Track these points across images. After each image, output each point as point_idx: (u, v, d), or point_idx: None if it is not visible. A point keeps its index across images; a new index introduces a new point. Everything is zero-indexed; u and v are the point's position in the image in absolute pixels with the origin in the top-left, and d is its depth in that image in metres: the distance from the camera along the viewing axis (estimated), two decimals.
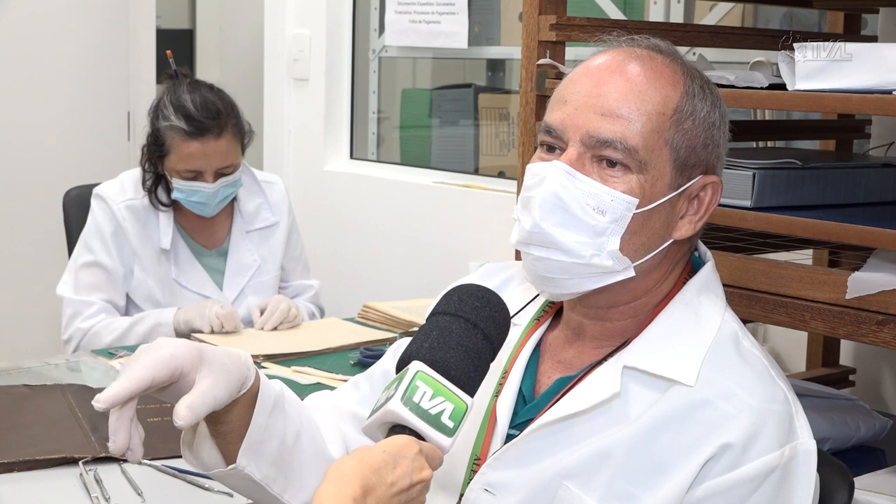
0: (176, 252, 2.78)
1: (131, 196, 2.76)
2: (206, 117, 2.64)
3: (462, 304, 1.24)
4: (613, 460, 1.24)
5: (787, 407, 1.25)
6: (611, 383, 1.27)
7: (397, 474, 1.11)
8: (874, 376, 2.55)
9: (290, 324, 2.73)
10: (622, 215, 1.26)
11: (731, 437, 1.20)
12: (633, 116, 1.26)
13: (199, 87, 2.72)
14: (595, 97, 1.28)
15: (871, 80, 1.53)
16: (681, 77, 1.31)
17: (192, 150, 2.65)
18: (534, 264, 1.31)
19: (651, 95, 1.27)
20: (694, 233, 1.33)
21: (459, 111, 4.00)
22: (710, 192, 1.32)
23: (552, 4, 1.89)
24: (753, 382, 1.25)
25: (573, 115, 1.28)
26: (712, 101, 1.32)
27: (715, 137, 1.32)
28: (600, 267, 1.28)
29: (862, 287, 1.53)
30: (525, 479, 1.29)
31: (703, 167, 1.31)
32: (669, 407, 1.24)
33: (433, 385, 1.16)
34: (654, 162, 1.27)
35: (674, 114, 1.28)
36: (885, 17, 2.49)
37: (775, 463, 1.20)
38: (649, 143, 1.26)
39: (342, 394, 1.52)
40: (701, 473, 1.20)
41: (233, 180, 2.72)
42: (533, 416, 1.33)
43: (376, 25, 3.94)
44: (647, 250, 1.30)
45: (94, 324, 2.71)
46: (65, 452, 1.82)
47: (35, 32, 4.05)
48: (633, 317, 1.34)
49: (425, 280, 3.46)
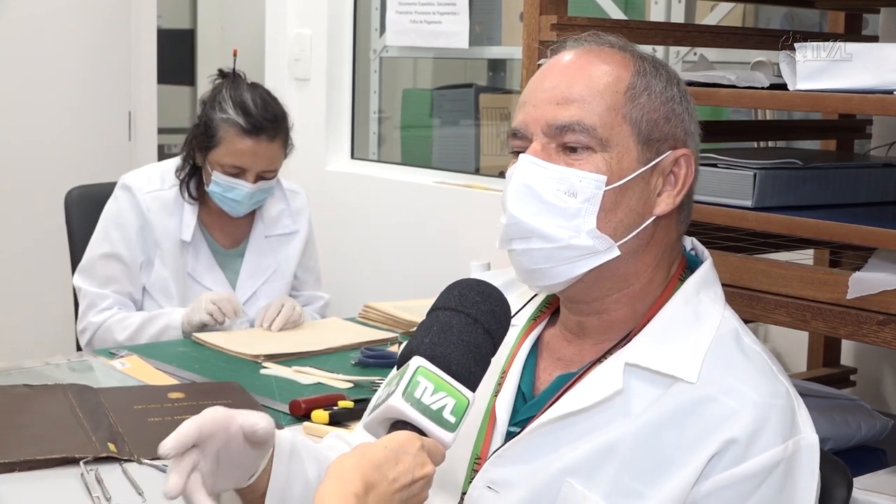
0: (196, 246, 2.79)
1: (158, 186, 2.78)
2: (265, 118, 2.68)
3: (463, 298, 1.24)
4: (618, 455, 1.24)
5: (789, 402, 1.26)
6: (613, 380, 1.27)
7: (399, 470, 1.11)
8: (875, 376, 2.55)
9: (294, 324, 2.74)
10: (593, 194, 1.28)
11: (736, 433, 1.21)
12: (587, 98, 1.30)
13: (259, 88, 2.77)
14: (549, 90, 1.32)
15: (871, 80, 1.53)
16: (630, 59, 1.34)
17: (243, 146, 2.67)
18: (519, 259, 1.33)
19: (601, 77, 1.31)
20: (674, 207, 1.34)
21: (460, 111, 4.00)
22: (685, 164, 1.34)
23: (553, 4, 1.89)
24: (756, 378, 1.25)
25: (532, 112, 1.33)
26: (668, 78, 1.35)
27: (676, 111, 1.34)
28: (582, 248, 1.29)
29: (863, 287, 1.53)
30: (528, 476, 1.29)
31: (671, 141, 1.33)
32: (672, 403, 1.24)
33: (434, 380, 1.16)
34: (615, 139, 1.29)
35: (627, 90, 1.31)
36: (886, 17, 2.49)
37: (779, 457, 1.21)
38: (607, 120, 1.29)
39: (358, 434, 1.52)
40: (706, 469, 1.21)
41: (269, 186, 2.76)
42: (533, 413, 1.33)
43: (377, 25, 3.94)
44: (628, 228, 1.31)
45: (107, 318, 2.72)
46: (66, 452, 1.82)
47: (36, 32, 4.04)
48: (630, 306, 1.34)
49: (426, 280, 3.46)
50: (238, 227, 2.86)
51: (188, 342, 2.63)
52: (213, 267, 2.82)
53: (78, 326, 2.79)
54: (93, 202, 2.96)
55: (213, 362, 2.45)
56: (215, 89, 2.77)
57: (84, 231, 2.89)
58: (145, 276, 2.77)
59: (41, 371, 2.33)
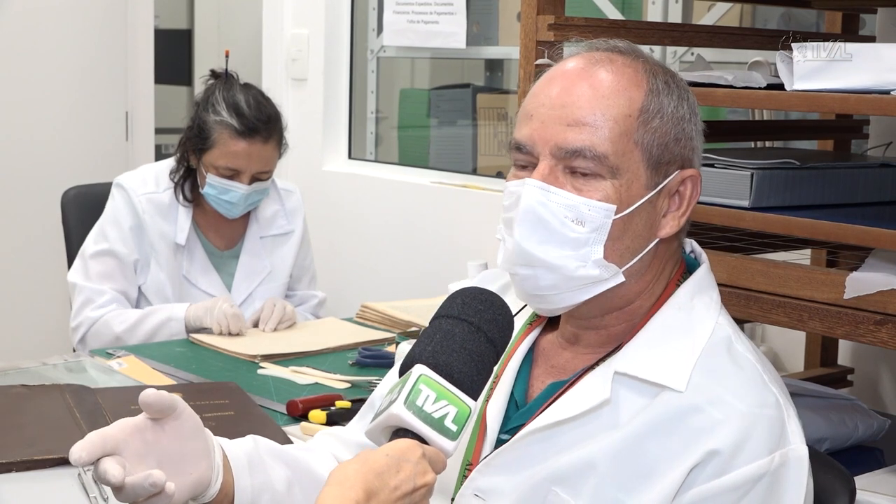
0: (190, 249, 2.79)
1: (152, 189, 2.77)
2: (259, 119, 2.67)
3: (465, 307, 1.23)
4: (602, 466, 1.23)
5: (778, 412, 1.23)
6: (601, 390, 1.26)
7: (400, 478, 1.11)
8: (872, 376, 2.55)
9: (287, 323, 2.73)
10: (602, 223, 1.26)
11: (718, 444, 1.19)
12: (599, 123, 1.26)
13: (252, 89, 2.76)
14: (559, 108, 1.27)
15: (868, 80, 1.53)
16: (643, 76, 1.29)
17: (238, 148, 2.66)
18: (522, 284, 1.31)
19: (615, 99, 1.27)
20: (679, 229, 1.32)
21: (458, 111, 4.00)
22: (690, 185, 1.31)
23: (550, 4, 1.89)
24: (744, 387, 1.24)
25: (540, 129, 1.28)
26: (679, 95, 1.31)
27: (686, 131, 1.30)
28: (588, 278, 1.27)
29: (860, 287, 1.53)
30: (514, 484, 1.28)
31: (679, 162, 1.30)
32: (658, 413, 1.23)
33: (436, 388, 1.16)
34: (626, 165, 1.26)
35: (640, 114, 1.27)
36: (883, 17, 2.49)
37: (763, 469, 1.19)
38: (619, 147, 1.26)
39: (349, 427, 1.52)
40: (688, 480, 1.20)
41: (264, 187, 2.75)
42: (524, 421, 1.32)
43: (374, 25, 3.94)
44: (633, 254, 1.29)
45: (105, 313, 2.70)
46: (63, 453, 1.81)
47: (33, 32, 4.04)
48: (628, 321, 1.33)
49: (424, 280, 3.46)
50: (233, 228, 2.86)
51: (185, 342, 2.63)
52: (209, 269, 2.81)
53: (72, 323, 2.75)
54: (89, 202, 2.96)
55: (211, 362, 2.45)
56: (208, 90, 2.76)
57: (80, 231, 2.88)
58: (141, 278, 2.76)
59: (38, 371, 2.32)
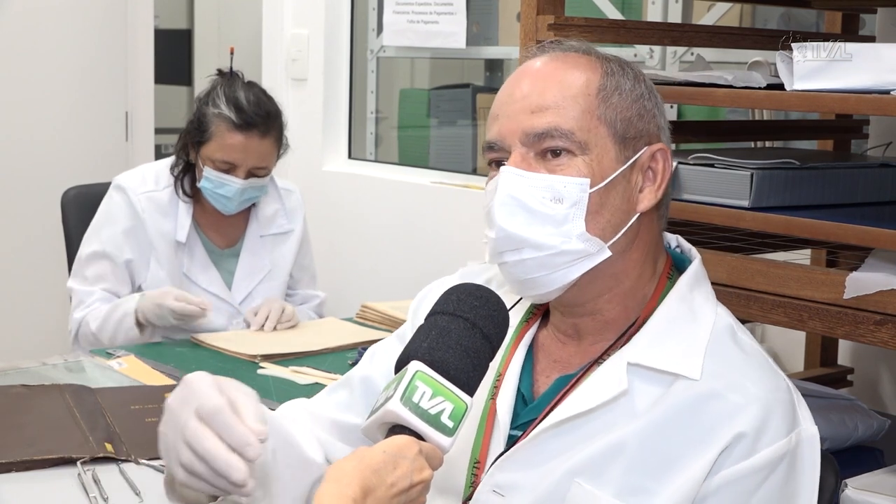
0: (191, 246, 2.80)
1: (152, 187, 2.79)
2: (257, 114, 2.68)
3: (461, 303, 1.24)
4: (625, 454, 1.25)
5: (789, 395, 1.28)
6: (617, 380, 1.28)
7: (397, 475, 1.11)
8: (872, 376, 2.55)
9: (288, 323, 2.74)
10: (579, 198, 1.29)
11: (744, 427, 1.22)
12: (560, 104, 1.31)
13: (254, 87, 2.78)
14: (521, 100, 1.33)
15: (868, 80, 1.53)
16: (596, 62, 1.36)
17: (234, 141, 2.67)
18: (511, 271, 1.32)
19: (572, 81, 1.32)
20: (657, 201, 1.35)
21: (457, 111, 4.00)
22: (661, 159, 1.35)
23: (550, 4, 1.89)
24: (757, 373, 1.27)
25: (506, 123, 1.33)
26: (634, 76, 1.36)
27: (647, 107, 1.35)
28: (574, 252, 1.29)
29: (860, 287, 1.53)
30: (535, 479, 1.29)
31: (647, 138, 1.34)
32: (677, 401, 1.25)
33: (432, 385, 1.16)
34: (593, 140, 1.30)
35: (599, 92, 1.32)
36: (883, 17, 2.49)
37: (784, 450, 1.24)
38: (583, 124, 1.30)
39: (319, 401, 1.53)
40: (716, 464, 1.22)
41: (260, 184, 2.75)
42: (535, 416, 1.33)
43: (374, 25, 3.94)
44: (615, 228, 1.31)
45: (88, 313, 2.73)
46: (63, 452, 1.82)
47: (33, 32, 4.04)
48: (622, 305, 1.35)
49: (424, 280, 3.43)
50: (233, 226, 2.86)
51: (186, 342, 2.63)
52: (209, 267, 2.82)
53: (69, 327, 2.80)
54: (89, 202, 2.96)
55: (211, 362, 2.45)
56: (211, 86, 2.78)
57: (80, 231, 2.88)
58: (141, 277, 2.77)
59: (38, 371, 2.32)
